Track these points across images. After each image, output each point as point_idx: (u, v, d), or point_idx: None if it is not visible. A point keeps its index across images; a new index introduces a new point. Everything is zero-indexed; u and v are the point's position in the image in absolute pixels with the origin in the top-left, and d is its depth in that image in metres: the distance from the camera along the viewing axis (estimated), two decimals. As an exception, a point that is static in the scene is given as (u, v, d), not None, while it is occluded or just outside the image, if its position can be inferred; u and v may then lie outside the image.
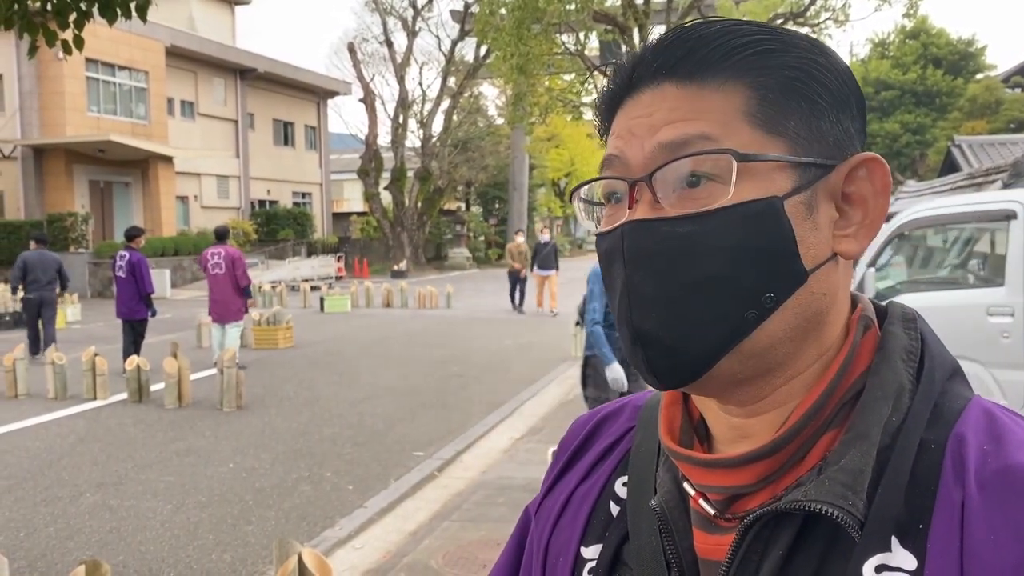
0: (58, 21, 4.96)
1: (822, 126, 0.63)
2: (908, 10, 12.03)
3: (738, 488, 0.65)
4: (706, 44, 0.63)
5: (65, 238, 24.28)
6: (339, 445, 7.33)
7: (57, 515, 5.61)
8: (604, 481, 0.77)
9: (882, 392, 0.63)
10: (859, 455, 0.61)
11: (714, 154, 0.60)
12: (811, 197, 0.62)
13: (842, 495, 0.59)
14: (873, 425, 0.62)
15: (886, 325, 0.68)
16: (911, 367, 0.65)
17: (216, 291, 10.73)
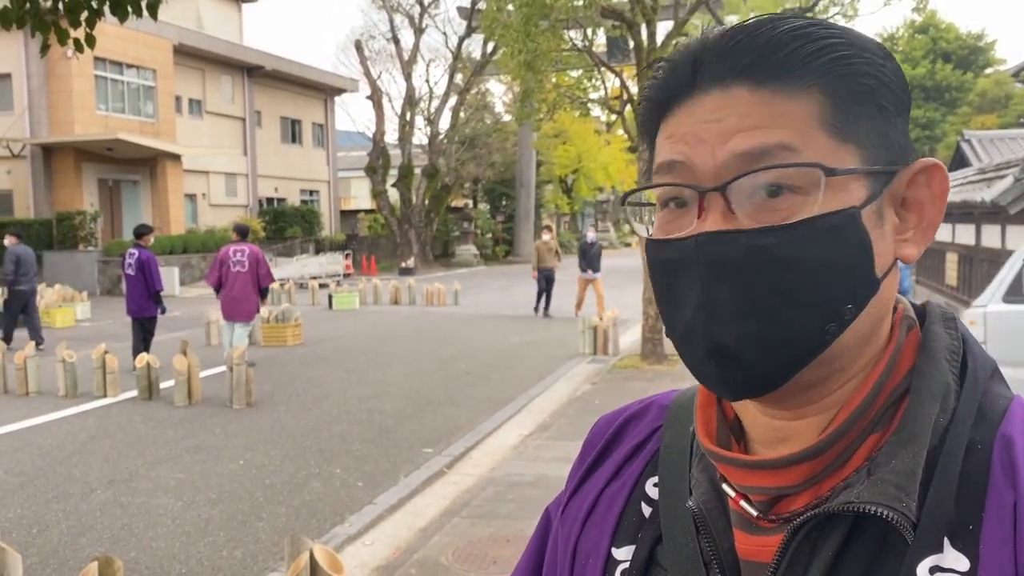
0: (70, 19, 4.98)
1: (889, 132, 0.63)
2: (917, 4, 11.97)
3: (782, 489, 0.65)
4: (780, 48, 0.61)
5: (74, 236, 24.38)
6: (348, 442, 7.35)
7: (69, 512, 5.64)
8: (634, 482, 0.77)
9: (929, 392, 0.63)
10: (910, 456, 0.60)
11: (802, 167, 0.59)
12: (880, 204, 0.62)
13: (895, 496, 0.59)
14: (923, 426, 0.61)
15: (928, 325, 0.68)
16: (955, 367, 0.65)
17: (236, 289, 10.71)
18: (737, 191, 0.60)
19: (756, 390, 0.62)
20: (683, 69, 0.64)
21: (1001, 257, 9.43)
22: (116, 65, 26.51)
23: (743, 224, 0.60)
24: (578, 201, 50.00)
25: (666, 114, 0.66)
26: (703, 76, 0.63)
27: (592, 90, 15.99)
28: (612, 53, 17.59)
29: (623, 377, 10.02)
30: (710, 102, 0.62)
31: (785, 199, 0.59)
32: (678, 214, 0.64)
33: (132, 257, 10.66)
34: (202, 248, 26.73)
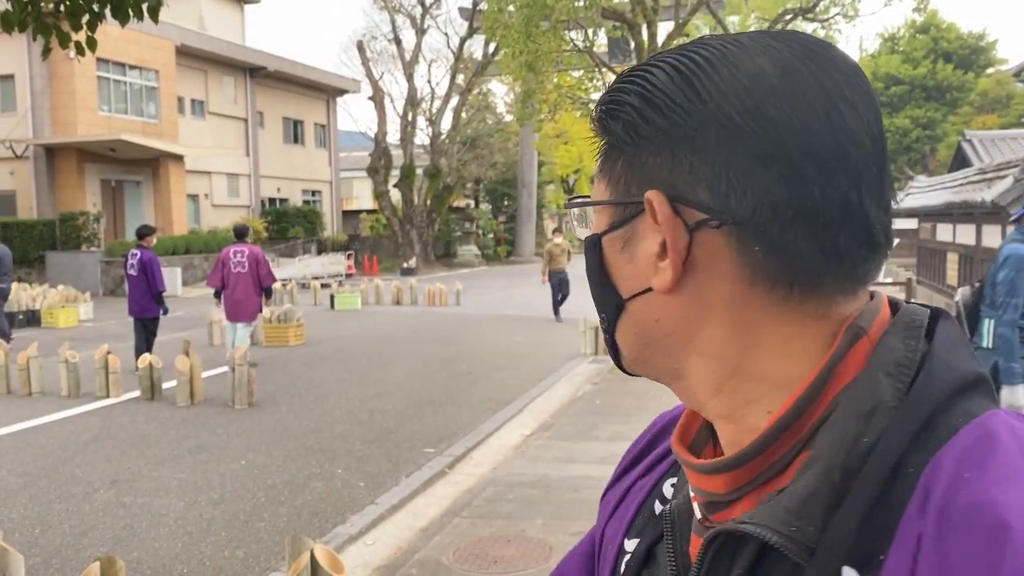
0: (71, 23, 5.01)
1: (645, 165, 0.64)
2: (918, 4, 11.97)
3: (713, 495, 0.65)
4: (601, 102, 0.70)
5: (77, 237, 24.43)
6: (350, 442, 7.37)
7: (71, 512, 5.66)
8: (656, 479, 0.79)
9: (851, 410, 0.59)
10: (812, 477, 0.58)
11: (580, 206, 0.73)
12: (630, 232, 0.66)
13: (784, 520, 0.57)
14: (832, 445, 0.58)
15: (882, 336, 0.62)
16: (900, 382, 0.59)
17: (238, 290, 10.77)
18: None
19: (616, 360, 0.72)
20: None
21: (1001, 257, 9.45)
22: (119, 66, 26.56)
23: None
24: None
25: None
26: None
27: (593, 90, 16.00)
28: (613, 54, 17.60)
29: (624, 378, 9.97)
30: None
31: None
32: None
33: (134, 258, 10.69)
34: (204, 249, 26.77)
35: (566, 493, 5.71)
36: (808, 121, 0.59)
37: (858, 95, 0.61)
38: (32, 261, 24.48)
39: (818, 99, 0.59)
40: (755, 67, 0.61)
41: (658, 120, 0.63)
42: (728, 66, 0.61)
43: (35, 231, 24.51)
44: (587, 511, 5.32)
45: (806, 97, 0.59)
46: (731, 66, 0.61)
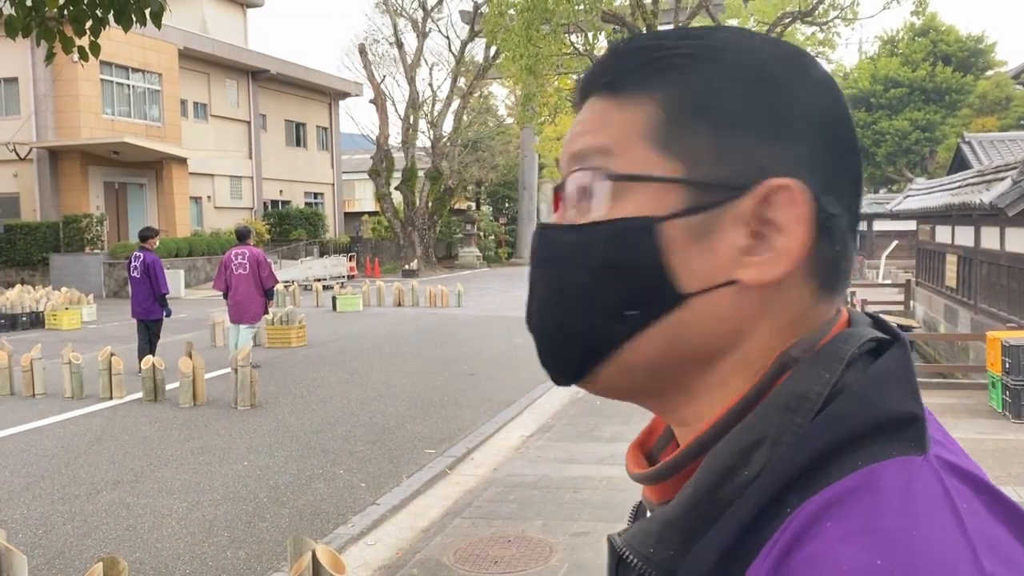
0: (74, 28, 5.06)
1: (736, 148, 0.59)
2: (917, 7, 12.00)
3: (649, 504, 0.64)
4: (626, 58, 0.63)
5: (80, 239, 24.49)
6: (352, 443, 7.41)
7: (74, 513, 5.70)
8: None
9: (734, 442, 0.56)
10: (675, 504, 0.57)
11: (589, 171, 0.61)
12: (707, 220, 0.59)
13: (643, 541, 0.58)
14: (705, 476, 0.56)
15: (797, 365, 0.58)
16: (800, 416, 0.55)
17: (239, 292, 10.83)
18: (568, 191, 0.63)
19: (565, 376, 0.64)
20: (578, 85, 0.69)
21: (1000, 259, 9.49)
22: (122, 69, 26.64)
23: (561, 219, 0.64)
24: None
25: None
26: (582, 92, 0.67)
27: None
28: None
29: (625, 379, 10.05)
30: (580, 113, 0.66)
31: (589, 201, 0.62)
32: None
33: (137, 260, 10.74)
34: (207, 251, 26.83)
35: (567, 494, 5.75)
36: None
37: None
38: (36, 263, 24.55)
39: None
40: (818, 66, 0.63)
41: (766, 101, 0.59)
42: (808, 61, 0.62)
43: (39, 233, 24.58)
44: (588, 512, 5.36)
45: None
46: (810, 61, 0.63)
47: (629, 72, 0.62)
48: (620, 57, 0.63)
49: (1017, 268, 9.21)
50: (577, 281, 0.61)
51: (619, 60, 0.63)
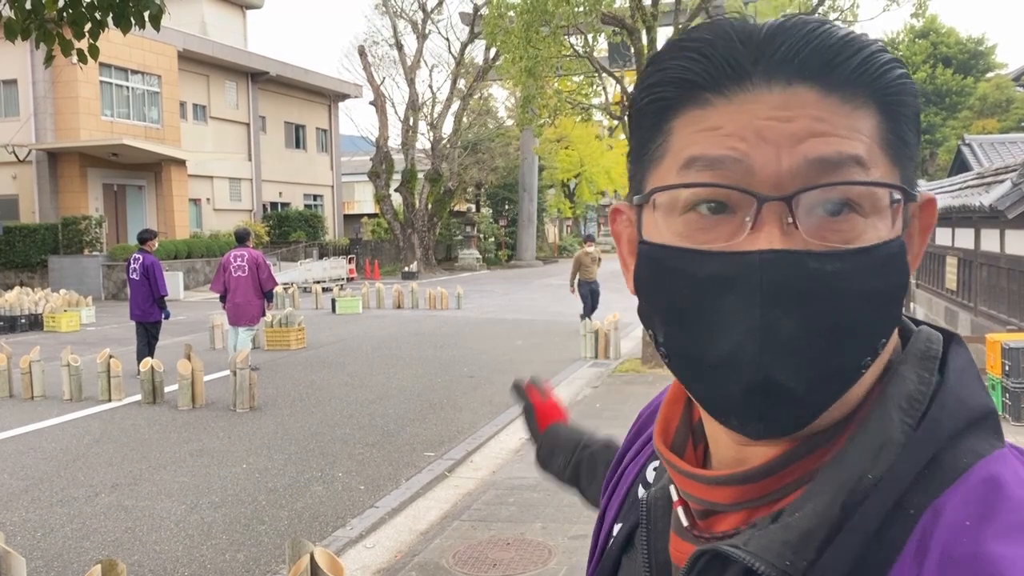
0: (74, 31, 5.06)
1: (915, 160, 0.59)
2: (917, 10, 12.02)
3: (713, 505, 0.62)
4: (851, 55, 0.55)
5: (79, 241, 24.48)
6: (351, 445, 7.40)
7: (73, 515, 5.69)
8: (642, 464, 0.77)
9: (862, 445, 0.56)
10: (811, 513, 0.55)
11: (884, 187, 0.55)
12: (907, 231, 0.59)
13: (779, 552, 0.54)
14: (837, 482, 0.55)
15: (896, 365, 0.59)
16: (910, 417, 0.56)
17: (238, 294, 10.82)
18: (804, 204, 0.54)
19: (788, 430, 0.56)
20: (736, 55, 0.56)
21: (1000, 261, 9.48)
22: (121, 71, 26.64)
23: (805, 241, 0.53)
24: (580, 205, 50.11)
25: (697, 101, 0.57)
26: (763, 69, 0.55)
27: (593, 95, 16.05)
28: (613, 59, 17.66)
29: (624, 381, 10.06)
30: (771, 98, 0.55)
31: (847, 219, 0.54)
32: (713, 221, 0.56)
33: (137, 262, 10.73)
34: (206, 253, 26.82)
35: (566, 496, 5.72)
36: None
37: None
38: (34, 265, 24.54)
39: None
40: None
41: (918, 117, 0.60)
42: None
43: (37, 235, 24.57)
44: (587, 515, 5.35)
45: None
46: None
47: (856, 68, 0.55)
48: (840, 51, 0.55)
49: (1017, 270, 9.21)
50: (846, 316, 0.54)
51: (841, 55, 0.55)
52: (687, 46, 0.58)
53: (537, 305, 20.33)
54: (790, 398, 0.54)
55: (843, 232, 0.54)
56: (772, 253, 0.53)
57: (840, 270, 0.53)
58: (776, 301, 0.53)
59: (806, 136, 0.54)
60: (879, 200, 0.55)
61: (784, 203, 0.53)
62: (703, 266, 0.55)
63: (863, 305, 0.54)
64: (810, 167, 0.54)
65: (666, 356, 0.60)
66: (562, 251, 47.37)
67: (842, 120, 0.54)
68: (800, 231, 0.53)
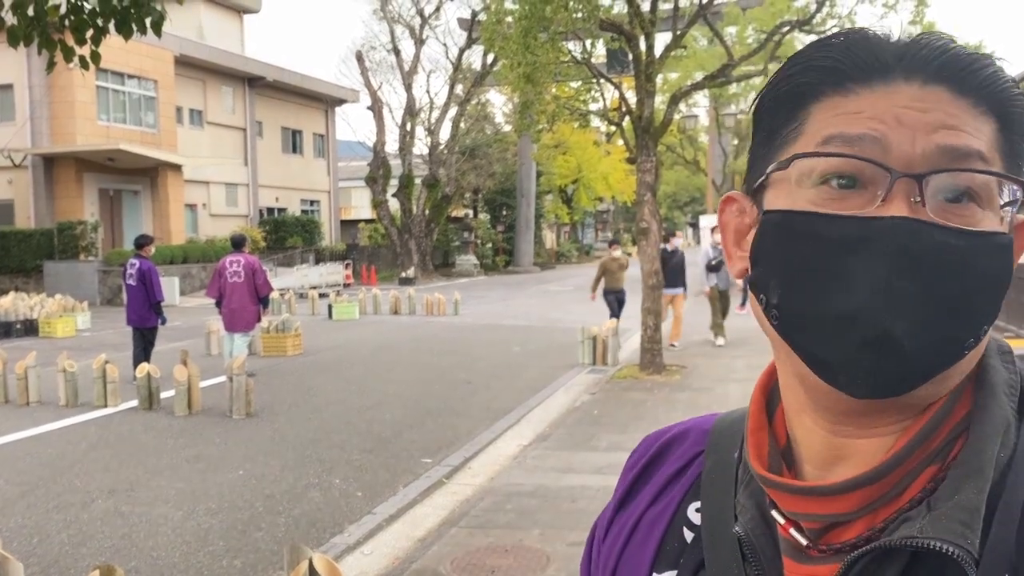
0: (75, 37, 5.06)
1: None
2: (914, 17, 12.05)
3: (835, 517, 0.63)
4: (981, 67, 0.62)
5: (75, 246, 24.44)
6: (348, 452, 7.38)
7: (69, 521, 5.67)
8: (676, 506, 0.76)
9: (992, 427, 0.62)
10: (974, 492, 0.59)
11: (1007, 178, 0.60)
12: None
13: (961, 533, 0.57)
14: (986, 461, 0.60)
15: (985, 359, 0.65)
16: (1013, 401, 0.64)
17: (234, 299, 10.79)
18: (932, 185, 0.59)
19: (893, 388, 0.60)
20: (883, 52, 0.63)
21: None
22: (118, 76, 26.63)
23: (931, 218, 0.58)
24: (578, 211, 50.14)
25: (840, 89, 0.63)
26: (906, 66, 0.62)
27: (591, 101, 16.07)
28: (611, 65, 17.69)
29: (622, 387, 10.05)
30: (910, 91, 0.61)
31: (967, 207, 0.59)
32: (844, 194, 0.61)
33: (133, 267, 10.72)
34: (202, 258, 26.79)
35: (564, 503, 5.73)
36: None
37: None
38: (30, 270, 24.49)
39: None
40: None
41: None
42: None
43: (33, 240, 24.53)
44: (585, 521, 5.33)
45: None
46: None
47: (987, 79, 0.62)
48: (969, 61, 0.62)
49: (1016, 277, 9.25)
50: (962, 290, 0.58)
51: (969, 63, 0.62)
52: (832, 43, 0.65)
53: (535, 311, 20.32)
54: (901, 356, 0.58)
55: (964, 217, 0.59)
56: (904, 220, 0.58)
57: (962, 246, 0.58)
58: (904, 264, 0.58)
59: (939, 127, 0.60)
60: (994, 195, 0.60)
61: (915, 181, 0.58)
62: (836, 229, 0.59)
63: (975, 285, 0.59)
64: (941, 153, 0.59)
65: (778, 317, 0.63)
66: (560, 257, 47.38)
67: (971, 120, 0.60)
68: (928, 209, 0.58)
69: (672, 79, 22.10)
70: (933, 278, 0.58)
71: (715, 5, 12.14)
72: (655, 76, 11.27)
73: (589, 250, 54.19)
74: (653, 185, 11.07)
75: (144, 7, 4.96)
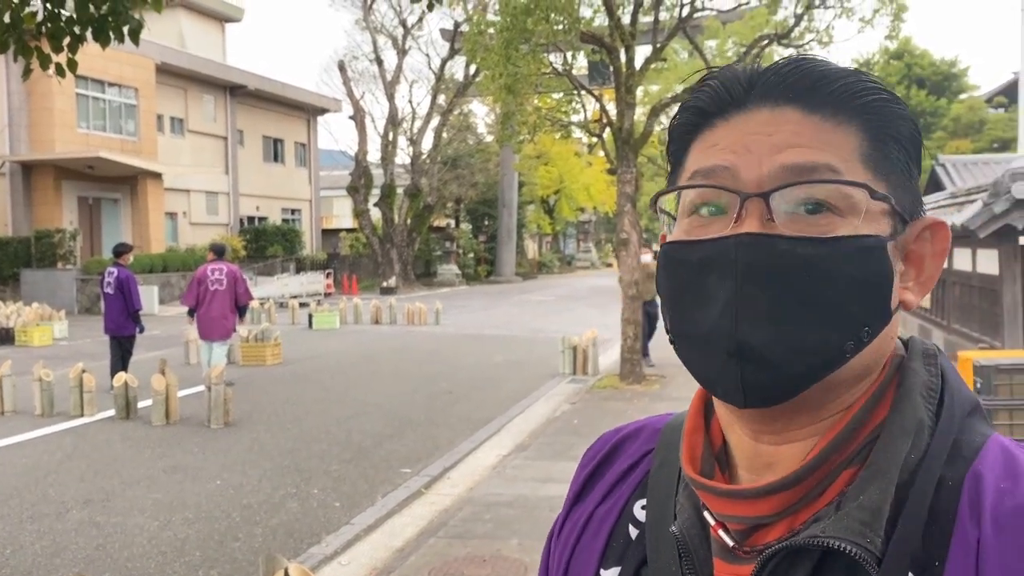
0: (52, 44, 5.03)
1: (910, 183, 0.67)
2: (890, 31, 12.19)
3: (757, 519, 0.65)
4: (830, 82, 0.64)
5: (53, 254, 24.20)
6: (326, 462, 7.35)
7: (43, 532, 5.61)
8: (623, 503, 0.78)
9: (901, 428, 0.63)
10: (877, 492, 0.61)
11: (849, 184, 0.62)
12: (895, 246, 0.65)
13: (860, 532, 0.60)
14: (892, 462, 0.62)
15: (906, 361, 0.68)
16: (931, 404, 0.66)
17: (214, 308, 10.72)
18: (779, 201, 0.62)
19: (769, 396, 0.62)
20: (736, 84, 0.67)
21: (971, 280, 9.61)
22: (98, 83, 26.47)
23: (781, 232, 0.61)
24: (560, 221, 50.25)
25: (707, 125, 0.68)
26: (757, 94, 0.66)
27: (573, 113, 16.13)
28: (592, 77, 17.78)
29: (602, 397, 10.08)
30: (760, 117, 0.65)
31: (824, 216, 0.61)
32: (709, 221, 0.65)
33: (111, 275, 10.64)
34: (182, 267, 26.60)
35: (542, 513, 5.73)
36: None
37: None
38: (6, 278, 24.22)
39: None
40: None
41: (918, 143, 0.68)
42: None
43: (10, 248, 24.27)
44: (563, 531, 5.34)
45: None
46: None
47: (841, 96, 0.64)
48: (825, 79, 0.65)
49: (988, 289, 9.35)
50: (820, 295, 0.61)
51: (824, 82, 0.65)
52: (703, 84, 0.69)
53: (516, 321, 20.34)
54: (765, 366, 0.61)
55: (820, 227, 0.61)
56: (746, 235, 0.61)
57: (811, 254, 0.60)
58: (749, 277, 0.61)
59: (784, 147, 0.63)
60: (855, 202, 0.62)
61: (762, 199, 0.62)
62: (694, 252, 0.64)
63: (836, 290, 0.61)
64: (785, 171, 0.62)
65: (673, 342, 0.68)
66: (542, 267, 47.43)
67: (820, 135, 0.63)
68: (776, 223, 0.62)
69: (653, 91, 22.23)
70: (783, 288, 0.60)
71: (695, 19, 12.23)
72: (635, 88, 11.34)
73: (571, 260, 54.29)
74: (633, 196, 11.13)
75: (122, 15, 4.94)
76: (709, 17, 14.80)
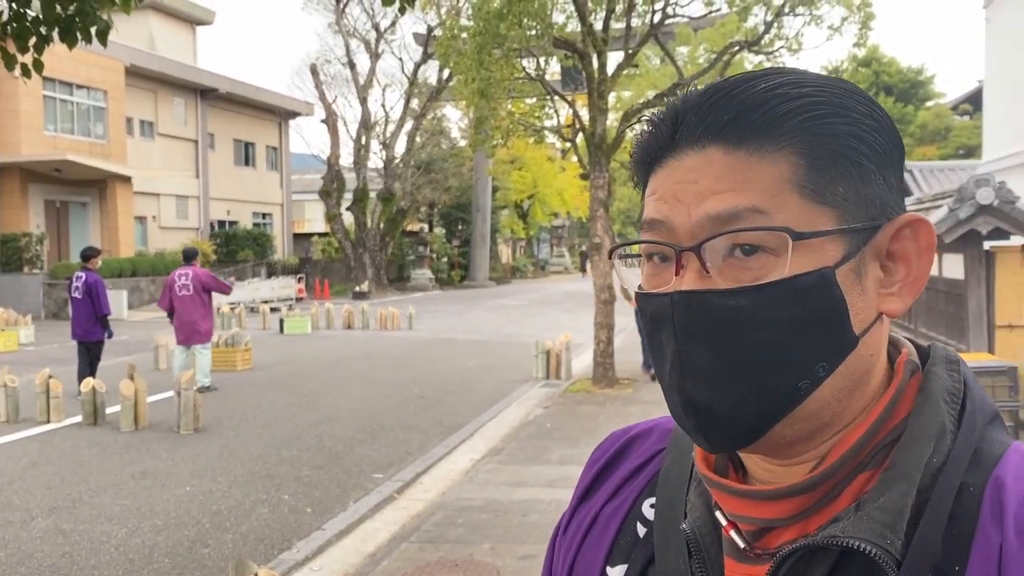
0: (17, 45, 4.97)
1: (870, 189, 0.63)
2: (858, 39, 12.37)
3: (770, 521, 0.65)
4: (753, 109, 0.61)
5: (19, 259, 23.84)
6: (297, 467, 7.30)
7: (8, 540, 5.52)
8: (632, 501, 0.78)
9: (924, 433, 0.63)
10: (899, 494, 0.61)
11: (769, 231, 0.60)
12: (860, 262, 0.63)
13: (880, 533, 0.59)
14: (914, 465, 0.62)
15: (928, 366, 0.68)
16: (953, 409, 0.65)
17: (184, 313, 10.66)
18: (711, 250, 0.61)
19: (730, 445, 0.63)
20: (664, 128, 0.65)
21: (937, 284, 9.76)
22: (66, 85, 26.13)
23: (717, 282, 0.61)
24: (534, 226, 50.36)
25: (651, 171, 0.67)
26: (682, 136, 0.64)
27: (546, 118, 16.19)
28: (565, 82, 17.85)
29: (575, 401, 10.10)
30: (688, 162, 0.63)
31: (758, 259, 0.60)
32: (662, 268, 0.66)
33: (79, 280, 10.51)
34: (151, 271, 26.32)
35: (515, 517, 5.73)
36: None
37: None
38: (-29, 283, 23.81)
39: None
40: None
41: (879, 142, 0.64)
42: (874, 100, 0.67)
43: (-25, 252, 23.88)
44: (535, 535, 5.35)
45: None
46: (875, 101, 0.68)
47: (763, 125, 0.61)
48: (745, 108, 0.62)
49: (954, 293, 9.49)
50: (759, 345, 0.60)
51: (745, 111, 0.62)
52: (643, 126, 0.69)
53: (489, 325, 20.33)
54: (716, 417, 0.62)
55: (754, 271, 0.61)
56: (679, 294, 0.62)
57: (745, 304, 0.60)
58: (689, 335, 0.61)
59: (708, 195, 0.62)
60: (783, 239, 0.60)
61: (694, 252, 0.62)
62: (649, 305, 0.65)
63: (779, 335, 0.60)
64: (711, 221, 0.61)
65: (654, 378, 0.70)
66: (515, 272, 47.47)
67: (745, 173, 0.61)
68: (712, 274, 0.62)
69: (625, 97, 22.37)
70: (721, 342, 0.61)
71: (666, 25, 12.32)
72: (608, 94, 11.41)
73: (544, 265, 54.39)
74: (606, 201, 11.19)
75: (89, 16, 4.88)
76: (681, 24, 14.92)
